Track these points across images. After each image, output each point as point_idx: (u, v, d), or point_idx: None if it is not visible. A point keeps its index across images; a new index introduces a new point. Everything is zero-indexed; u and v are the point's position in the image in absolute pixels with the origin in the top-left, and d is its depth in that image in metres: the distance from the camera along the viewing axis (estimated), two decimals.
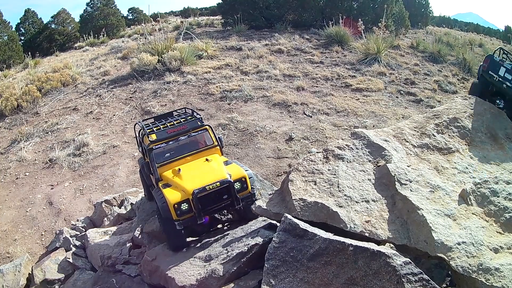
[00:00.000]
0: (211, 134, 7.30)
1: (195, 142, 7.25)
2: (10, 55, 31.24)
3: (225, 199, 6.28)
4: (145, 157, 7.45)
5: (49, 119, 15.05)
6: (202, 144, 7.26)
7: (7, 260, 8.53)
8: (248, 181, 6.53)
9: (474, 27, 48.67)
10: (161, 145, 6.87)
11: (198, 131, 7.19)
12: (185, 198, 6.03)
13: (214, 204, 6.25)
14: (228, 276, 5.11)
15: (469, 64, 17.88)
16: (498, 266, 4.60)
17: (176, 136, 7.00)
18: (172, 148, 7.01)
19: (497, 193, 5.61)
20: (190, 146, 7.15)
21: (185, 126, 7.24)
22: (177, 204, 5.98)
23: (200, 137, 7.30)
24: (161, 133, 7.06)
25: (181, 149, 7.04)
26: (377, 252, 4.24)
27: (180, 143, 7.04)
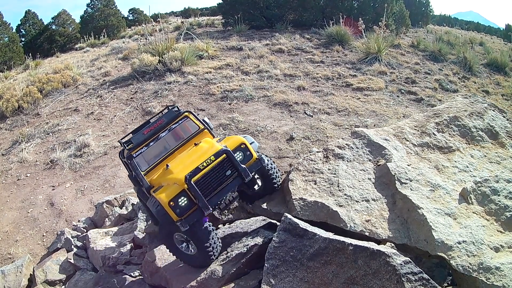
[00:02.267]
0: (194, 120, 6.59)
1: (179, 134, 6.50)
2: (10, 56, 31.28)
3: (229, 175, 5.48)
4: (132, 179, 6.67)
5: (50, 120, 15.06)
6: (187, 133, 6.50)
7: (9, 261, 8.54)
8: (250, 147, 5.80)
9: (474, 26, 48.67)
10: (141, 149, 6.14)
11: (178, 121, 6.49)
12: (179, 190, 5.23)
13: (217, 185, 5.43)
14: (228, 277, 5.12)
15: (469, 63, 17.81)
16: (499, 265, 4.60)
17: (154, 135, 6.30)
18: (154, 149, 6.28)
19: (497, 192, 5.61)
20: (175, 140, 6.44)
21: (161, 120, 6.54)
22: (173, 200, 5.17)
23: (183, 128, 6.56)
24: (137, 137, 6.33)
25: (165, 147, 6.33)
26: (377, 251, 4.24)
27: (162, 141, 6.33)
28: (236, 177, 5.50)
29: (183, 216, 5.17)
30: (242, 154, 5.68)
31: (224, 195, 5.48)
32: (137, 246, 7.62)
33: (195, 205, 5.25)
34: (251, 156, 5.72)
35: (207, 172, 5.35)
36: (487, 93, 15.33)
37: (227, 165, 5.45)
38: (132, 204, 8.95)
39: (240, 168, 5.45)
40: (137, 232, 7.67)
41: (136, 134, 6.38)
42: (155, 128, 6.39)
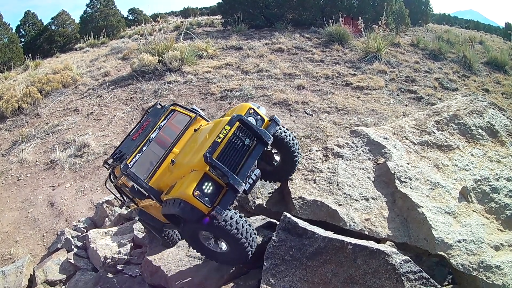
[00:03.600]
0: (182, 111, 6.21)
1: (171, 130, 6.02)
2: (10, 57, 31.28)
3: (249, 143, 5.00)
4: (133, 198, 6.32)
5: (50, 121, 15.05)
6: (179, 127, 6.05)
7: (9, 261, 8.54)
8: (259, 111, 5.41)
9: (474, 25, 48.60)
10: (135, 158, 5.55)
11: (166, 116, 6.06)
12: (201, 175, 4.63)
13: (240, 158, 4.90)
14: (227, 276, 5.12)
15: (469, 61, 17.77)
16: (499, 264, 4.59)
17: (145, 138, 5.76)
18: (150, 153, 5.73)
19: (497, 190, 5.61)
20: (169, 137, 5.92)
21: (148, 120, 6.13)
22: (197, 189, 4.51)
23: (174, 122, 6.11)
24: (126, 145, 5.91)
25: (161, 147, 5.82)
26: (376, 250, 4.24)
27: (155, 142, 5.80)
28: (257, 144, 5.03)
29: (215, 204, 4.54)
30: (254, 119, 5.27)
31: (250, 167, 4.88)
32: (137, 245, 7.63)
33: (223, 188, 4.68)
34: (263, 120, 5.33)
35: (226, 143, 4.85)
36: (487, 91, 15.30)
37: (244, 132, 4.99)
38: None
39: (260, 131, 4.98)
40: (137, 232, 7.68)
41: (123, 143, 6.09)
42: (143, 130, 5.95)
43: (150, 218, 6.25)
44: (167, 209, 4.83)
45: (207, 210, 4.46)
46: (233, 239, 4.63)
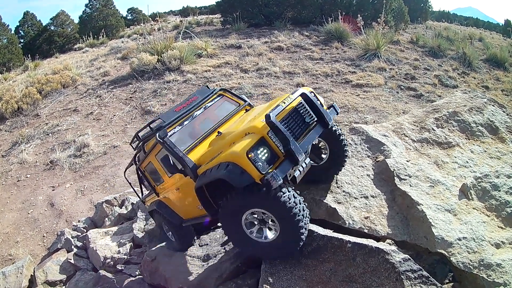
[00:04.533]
0: (230, 97, 6.01)
1: (217, 114, 5.70)
2: (9, 58, 31.26)
3: (310, 122, 4.59)
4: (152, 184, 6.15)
5: (49, 121, 15.05)
6: (225, 112, 5.73)
7: (9, 262, 8.55)
8: (318, 97, 4.98)
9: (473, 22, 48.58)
10: (174, 129, 5.26)
11: (214, 99, 5.81)
12: (256, 140, 4.11)
13: (300, 133, 4.46)
14: (226, 275, 5.10)
15: (469, 58, 17.75)
16: (500, 262, 4.57)
17: (188, 114, 5.49)
18: (191, 128, 5.40)
19: (498, 187, 5.58)
20: (214, 119, 5.59)
21: (194, 97, 5.80)
22: (251, 151, 3.98)
23: (221, 106, 5.83)
24: (168, 115, 5.46)
25: (203, 126, 5.44)
26: (376, 248, 4.22)
27: (198, 120, 5.48)
28: (316, 125, 4.62)
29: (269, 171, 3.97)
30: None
31: (308, 145, 4.41)
32: (136, 245, 7.64)
33: (279, 158, 4.19)
34: (322, 106, 4.83)
35: (289, 112, 4.46)
36: (487, 88, 15.27)
37: (305, 110, 4.60)
38: (132, 203, 8.96)
39: (322, 110, 4.62)
40: (136, 232, 7.67)
41: (167, 113, 5.57)
42: (188, 105, 5.64)
43: (169, 213, 6.03)
44: (204, 179, 4.35)
45: (259, 177, 3.90)
46: (288, 217, 4.05)
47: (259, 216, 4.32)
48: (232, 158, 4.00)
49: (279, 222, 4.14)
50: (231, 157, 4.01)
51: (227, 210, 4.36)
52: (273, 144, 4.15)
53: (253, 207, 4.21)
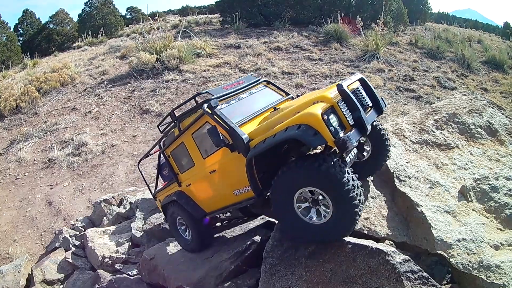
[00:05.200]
0: (273, 88, 5.90)
1: (263, 100, 5.56)
2: (8, 55, 31.17)
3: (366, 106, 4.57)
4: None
5: (48, 119, 15.02)
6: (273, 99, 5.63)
7: (7, 260, 8.52)
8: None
9: (472, 24, 48.68)
10: (221, 105, 5.03)
11: (257, 86, 5.73)
12: (328, 106, 4.04)
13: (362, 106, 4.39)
14: (226, 275, 5.10)
15: (468, 60, 17.82)
16: (499, 263, 4.57)
17: (236, 93, 5.38)
18: (238, 107, 5.21)
19: (497, 189, 5.58)
20: (259, 104, 5.43)
21: (241, 81, 5.73)
22: (325, 114, 3.89)
23: (266, 95, 5.70)
24: (216, 91, 5.32)
25: (250, 108, 5.26)
26: (376, 249, 4.21)
27: (245, 102, 5.34)
28: (370, 111, 4.62)
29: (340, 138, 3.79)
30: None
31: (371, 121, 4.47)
32: (135, 245, 7.62)
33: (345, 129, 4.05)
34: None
35: (355, 89, 4.48)
36: (486, 90, 15.32)
37: (362, 94, 4.57)
38: (130, 202, 8.94)
39: (378, 96, 4.68)
40: (134, 231, 7.66)
41: (214, 89, 5.42)
42: (235, 86, 5.53)
43: (191, 204, 5.73)
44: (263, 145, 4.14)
45: (332, 140, 3.77)
46: (345, 199, 3.88)
47: (314, 196, 4.11)
48: (305, 119, 3.87)
49: (333, 204, 3.97)
50: (304, 119, 3.88)
51: (279, 188, 4.23)
52: (341, 114, 4.07)
53: (308, 186, 4.04)
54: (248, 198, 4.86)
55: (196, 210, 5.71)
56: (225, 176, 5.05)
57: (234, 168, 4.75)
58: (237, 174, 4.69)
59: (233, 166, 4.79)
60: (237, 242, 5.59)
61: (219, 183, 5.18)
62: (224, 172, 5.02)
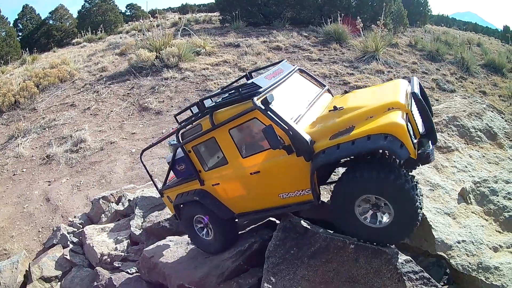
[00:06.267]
0: (307, 77, 5.58)
1: (302, 92, 5.24)
2: (7, 51, 31.10)
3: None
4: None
5: (46, 115, 15.00)
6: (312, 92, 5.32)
7: (4, 257, 8.50)
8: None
9: (472, 27, 48.75)
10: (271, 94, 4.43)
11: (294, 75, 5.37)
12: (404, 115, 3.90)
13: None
14: (228, 274, 5.10)
15: (467, 63, 17.85)
16: (498, 265, 4.61)
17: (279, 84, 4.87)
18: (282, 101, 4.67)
19: (496, 192, 5.62)
20: (302, 97, 5.10)
21: (280, 70, 5.27)
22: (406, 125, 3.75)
23: (303, 85, 5.39)
24: (262, 81, 4.68)
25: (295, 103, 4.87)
26: (378, 250, 4.24)
27: (286, 95, 4.82)
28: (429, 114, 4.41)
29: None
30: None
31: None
32: (134, 242, 7.61)
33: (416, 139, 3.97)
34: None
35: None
36: (484, 93, 15.36)
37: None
38: (129, 200, 8.93)
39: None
40: (133, 229, 7.65)
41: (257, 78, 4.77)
42: (276, 75, 5.05)
43: (217, 206, 5.29)
44: (340, 153, 3.90)
45: (415, 154, 3.76)
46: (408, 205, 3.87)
47: (376, 201, 4.08)
48: (390, 128, 3.70)
49: (395, 210, 3.96)
50: (389, 128, 3.70)
51: (342, 193, 4.13)
52: (414, 122, 3.99)
53: (374, 194, 4.00)
54: (301, 202, 4.58)
55: (223, 211, 5.31)
56: (272, 179, 4.66)
57: (287, 171, 4.47)
58: (289, 177, 4.47)
59: (285, 169, 4.48)
60: (239, 241, 5.57)
61: (261, 185, 4.80)
62: (272, 175, 4.63)
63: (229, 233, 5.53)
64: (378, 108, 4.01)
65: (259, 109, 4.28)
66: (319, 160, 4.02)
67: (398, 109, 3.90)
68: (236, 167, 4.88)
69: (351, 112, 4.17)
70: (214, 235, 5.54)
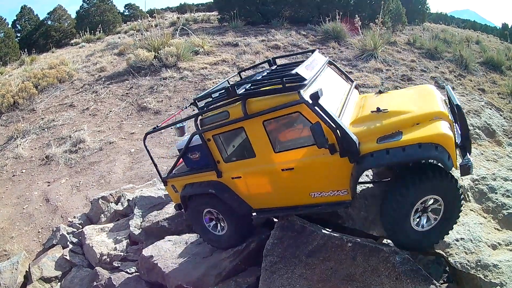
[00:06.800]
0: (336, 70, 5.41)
1: (335, 86, 5.02)
2: (6, 52, 31.07)
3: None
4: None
5: (45, 116, 14.99)
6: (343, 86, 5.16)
7: (4, 257, 8.49)
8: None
9: (471, 24, 48.66)
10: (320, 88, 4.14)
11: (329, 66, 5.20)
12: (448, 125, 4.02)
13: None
14: (226, 273, 5.11)
15: (466, 61, 17.84)
16: (497, 263, 4.61)
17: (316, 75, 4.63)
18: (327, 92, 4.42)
19: (494, 190, 5.63)
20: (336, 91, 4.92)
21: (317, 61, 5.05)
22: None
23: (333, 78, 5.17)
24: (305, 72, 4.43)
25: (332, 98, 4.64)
26: (376, 248, 4.24)
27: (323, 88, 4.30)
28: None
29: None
30: None
31: None
32: (133, 242, 7.60)
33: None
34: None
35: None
36: (483, 91, 15.35)
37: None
38: (128, 200, 8.93)
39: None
40: (133, 229, 7.65)
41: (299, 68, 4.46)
42: (315, 67, 4.81)
43: (235, 200, 5.06)
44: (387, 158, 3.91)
45: (457, 166, 3.90)
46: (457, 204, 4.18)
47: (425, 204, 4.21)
48: (440, 139, 3.79)
49: (444, 209, 4.18)
50: (438, 138, 3.79)
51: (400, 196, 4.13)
52: (454, 134, 4.01)
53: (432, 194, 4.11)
54: (334, 202, 4.52)
55: (242, 206, 5.08)
56: (306, 177, 4.50)
57: (325, 170, 4.36)
58: (326, 177, 4.38)
59: (323, 168, 4.35)
60: None
61: (291, 183, 4.62)
62: (307, 173, 4.47)
63: (245, 228, 5.35)
64: (424, 116, 4.06)
65: (307, 104, 4.10)
66: (367, 163, 4.01)
67: (442, 119, 3.99)
68: (265, 162, 4.67)
69: (397, 116, 4.17)
70: (228, 230, 5.35)
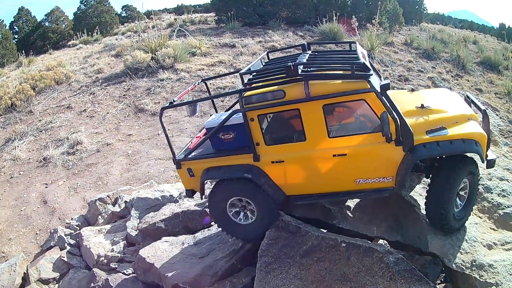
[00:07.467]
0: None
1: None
2: (3, 53, 30.97)
3: None
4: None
5: (43, 118, 14.97)
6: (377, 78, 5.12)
7: (2, 259, 8.49)
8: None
9: (468, 24, 48.64)
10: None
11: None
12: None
13: None
14: (221, 273, 5.13)
15: (463, 61, 17.87)
16: (492, 263, 4.62)
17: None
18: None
19: (490, 190, 5.64)
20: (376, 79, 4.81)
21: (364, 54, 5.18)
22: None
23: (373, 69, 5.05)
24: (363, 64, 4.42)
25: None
26: (370, 248, 4.26)
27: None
28: None
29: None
30: None
31: None
32: (130, 243, 7.61)
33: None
34: None
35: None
36: (480, 91, 15.37)
37: None
38: (125, 201, 8.94)
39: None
40: (130, 230, 7.66)
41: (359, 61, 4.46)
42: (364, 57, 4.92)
43: (271, 185, 4.85)
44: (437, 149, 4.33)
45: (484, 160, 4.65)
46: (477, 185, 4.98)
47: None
48: (479, 137, 4.46)
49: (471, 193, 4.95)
50: (478, 136, 4.47)
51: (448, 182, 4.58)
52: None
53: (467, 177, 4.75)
54: (378, 189, 4.66)
55: (278, 193, 4.91)
56: (357, 163, 4.55)
57: (378, 158, 4.49)
58: (377, 164, 4.52)
59: (377, 155, 4.49)
60: (233, 240, 5.60)
61: (340, 168, 4.60)
62: (359, 159, 4.53)
63: (275, 217, 5.08)
64: (462, 116, 4.63)
65: (376, 93, 4.25)
66: (420, 153, 4.34)
67: (474, 120, 4.66)
68: (316, 146, 4.61)
69: (440, 114, 4.62)
70: (258, 218, 5.08)
